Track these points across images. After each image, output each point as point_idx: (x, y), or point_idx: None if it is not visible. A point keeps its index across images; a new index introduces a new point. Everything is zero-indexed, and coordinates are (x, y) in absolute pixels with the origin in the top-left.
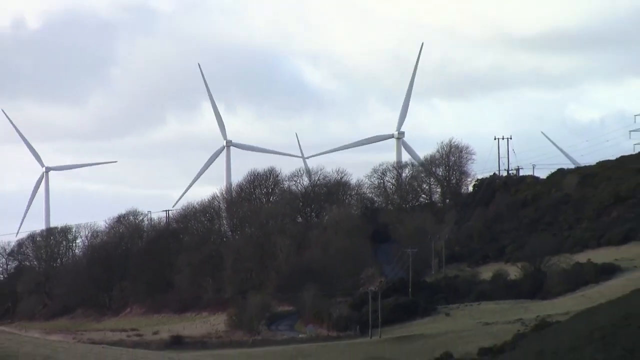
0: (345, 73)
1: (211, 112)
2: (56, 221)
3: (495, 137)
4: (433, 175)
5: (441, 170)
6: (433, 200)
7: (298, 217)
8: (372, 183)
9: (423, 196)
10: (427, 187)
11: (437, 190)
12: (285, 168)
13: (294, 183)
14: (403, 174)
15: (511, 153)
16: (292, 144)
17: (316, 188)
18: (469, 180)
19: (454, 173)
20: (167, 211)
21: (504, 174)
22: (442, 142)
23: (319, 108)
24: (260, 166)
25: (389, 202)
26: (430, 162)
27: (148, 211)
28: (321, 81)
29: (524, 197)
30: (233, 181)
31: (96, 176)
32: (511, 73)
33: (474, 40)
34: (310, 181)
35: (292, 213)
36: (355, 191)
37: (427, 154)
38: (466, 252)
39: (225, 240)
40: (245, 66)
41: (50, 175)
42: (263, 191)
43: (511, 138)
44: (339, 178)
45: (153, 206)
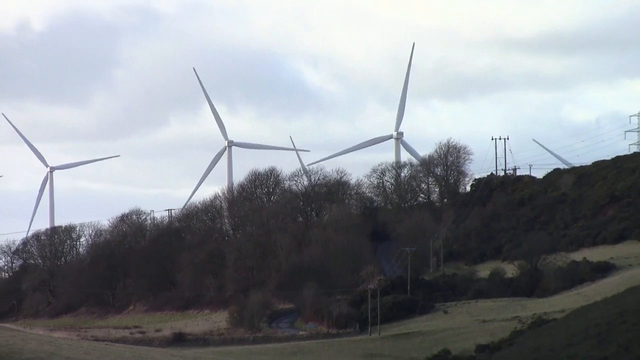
0: (345, 74)
1: (211, 114)
2: (60, 220)
3: (492, 138)
4: (431, 174)
5: (439, 170)
6: (431, 199)
7: (298, 216)
8: (372, 183)
9: (421, 196)
10: (426, 187)
11: (436, 189)
12: (285, 168)
13: (295, 183)
14: (402, 174)
15: (508, 153)
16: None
17: (316, 188)
18: (467, 179)
19: (452, 173)
20: (170, 210)
21: (501, 174)
22: (441, 143)
23: (319, 109)
24: (261, 166)
25: (388, 202)
26: (428, 162)
27: (151, 210)
28: (321, 82)
29: (521, 197)
30: (234, 181)
31: (100, 176)
32: (508, 74)
33: (472, 42)
34: (308, 181)
35: (293, 212)
36: (354, 191)
37: (426, 154)
38: (464, 251)
39: (226, 238)
40: (246, 67)
41: (54, 175)
42: (264, 191)
43: (508, 138)
44: (339, 178)
45: (156, 205)
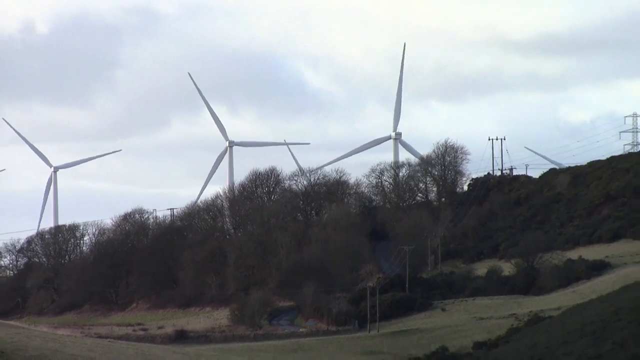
0: (344, 75)
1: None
2: (64, 219)
3: (489, 138)
4: (429, 174)
5: (437, 169)
6: (429, 199)
7: (298, 215)
8: (370, 182)
9: (419, 195)
10: (424, 186)
11: (433, 189)
12: (285, 168)
13: (295, 182)
14: (400, 174)
15: (505, 153)
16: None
17: (316, 187)
18: (464, 179)
19: (450, 172)
20: (172, 209)
21: (498, 174)
22: (438, 143)
23: (319, 109)
24: (261, 166)
25: (387, 201)
26: (426, 162)
27: (153, 209)
28: (321, 83)
29: (518, 196)
30: (235, 180)
31: (103, 176)
32: (506, 76)
33: (471, 43)
34: (306, 180)
35: (293, 211)
36: (353, 190)
37: (424, 154)
38: (461, 249)
39: (228, 237)
40: (246, 68)
41: (58, 174)
42: (264, 190)
43: (505, 139)
44: (338, 177)
45: (158, 204)
